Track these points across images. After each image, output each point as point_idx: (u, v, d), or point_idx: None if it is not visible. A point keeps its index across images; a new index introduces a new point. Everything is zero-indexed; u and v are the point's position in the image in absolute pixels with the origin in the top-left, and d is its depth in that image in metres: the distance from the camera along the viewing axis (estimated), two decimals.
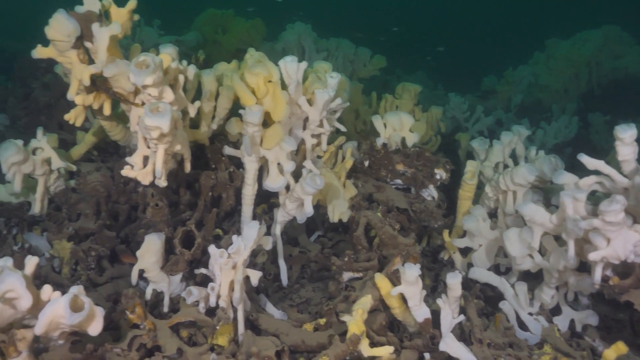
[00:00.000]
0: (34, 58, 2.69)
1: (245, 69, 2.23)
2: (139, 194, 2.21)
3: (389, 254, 2.23)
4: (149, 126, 1.68)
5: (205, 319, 1.85)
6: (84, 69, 1.86)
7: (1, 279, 1.43)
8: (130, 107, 2.02)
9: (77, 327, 1.48)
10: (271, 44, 4.32)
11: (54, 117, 2.62)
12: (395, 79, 5.20)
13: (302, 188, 2.15)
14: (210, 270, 2.02)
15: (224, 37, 4.40)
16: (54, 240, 2.16)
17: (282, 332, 2.02)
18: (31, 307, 1.46)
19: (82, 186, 2.19)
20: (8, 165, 1.93)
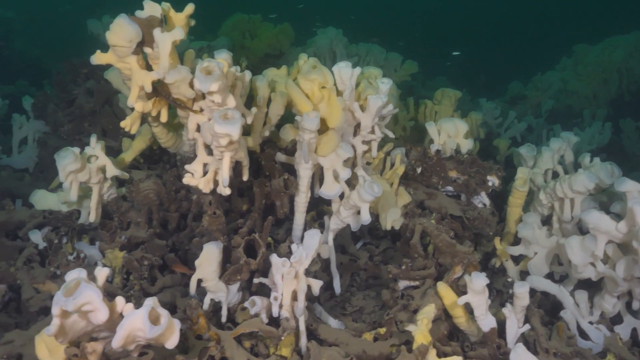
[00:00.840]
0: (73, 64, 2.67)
1: (299, 75, 2.19)
2: (193, 202, 2.18)
3: (445, 262, 2.19)
4: (219, 133, 1.65)
5: (270, 329, 1.81)
6: (145, 75, 1.83)
7: (78, 291, 1.39)
8: (188, 114, 1.99)
9: (154, 340, 1.44)
10: (301, 49, 4.30)
11: (97, 123, 2.59)
12: (420, 84, 5.17)
13: (359, 195, 2.12)
14: (269, 279, 1.99)
15: (252, 42, 4.38)
16: (107, 249, 2.13)
17: (342, 342, 1.99)
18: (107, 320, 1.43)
19: (135, 194, 2.16)
20: (66, 174, 1.90)
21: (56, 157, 1.89)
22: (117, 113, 2.57)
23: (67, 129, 2.58)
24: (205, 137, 1.85)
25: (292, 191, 2.22)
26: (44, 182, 2.81)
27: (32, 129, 3.08)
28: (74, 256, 2.03)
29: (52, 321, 1.43)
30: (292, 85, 2.14)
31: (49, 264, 2.02)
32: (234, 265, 2.00)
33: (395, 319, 2.02)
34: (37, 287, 2.05)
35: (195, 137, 1.95)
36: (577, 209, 2.24)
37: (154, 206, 2.19)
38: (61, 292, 1.40)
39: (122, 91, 2.26)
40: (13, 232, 2.33)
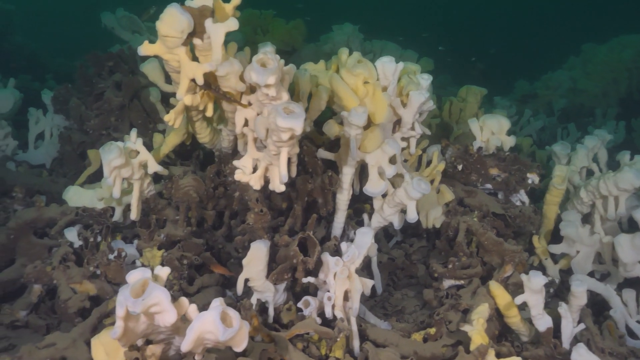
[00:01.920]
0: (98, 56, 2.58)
1: (343, 69, 2.14)
2: (235, 199, 2.11)
3: (491, 260, 2.16)
4: (282, 127, 1.59)
5: (326, 330, 1.75)
6: (196, 67, 1.76)
7: (147, 291, 1.32)
8: (235, 109, 1.93)
9: (225, 344, 1.38)
10: (316, 45, 4.24)
11: (125, 118, 2.50)
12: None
13: (407, 193, 2.07)
14: (318, 279, 1.93)
15: (264, 38, 4.30)
16: (145, 248, 2.05)
17: (391, 342, 1.94)
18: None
19: (174, 191, 2.09)
20: (110, 169, 1.82)
21: (101, 151, 1.81)
22: (147, 108, 2.49)
23: (94, 123, 2.49)
24: (258, 132, 1.78)
25: (335, 188, 2.16)
26: (65, 179, 2.72)
27: (50, 124, 2.98)
28: (115, 255, 1.95)
29: (117, 323, 1.36)
30: (338, 80, 2.08)
31: (87, 263, 1.94)
32: (281, 264, 1.94)
33: (446, 319, 1.98)
34: (74, 288, 1.97)
35: (245, 132, 1.89)
36: (622, 206, 2.22)
37: (194, 203, 2.12)
38: (128, 292, 1.33)
39: (157, 85, 2.18)
40: (41, 229, 2.24)
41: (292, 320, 1.97)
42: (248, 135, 1.88)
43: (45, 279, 1.95)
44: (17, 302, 2.08)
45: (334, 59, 2.38)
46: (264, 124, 1.77)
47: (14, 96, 2.84)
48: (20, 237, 2.18)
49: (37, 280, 1.95)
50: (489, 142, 2.44)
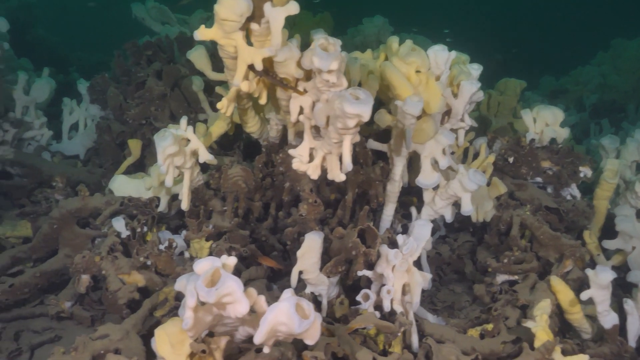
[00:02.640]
0: (136, 45, 2.54)
1: (395, 58, 2.08)
2: (285, 190, 2.06)
3: (546, 255, 2.10)
4: (349, 114, 1.54)
5: (387, 324, 1.70)
6: (255, 53, 1.71)
7: (221, 281, 1.27)
8: (289, 96, 1.87)
9: (298, 336, 1.33)
10: (345, 38, 4.17)
11: (165, 107, 2.45)
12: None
13: (462, 184, 2.02)
14: (374, 272, 1.88)
15: (294, 30, 4.24)
16: (193, 239, 2.00)
17: (447, 338, 1.88)
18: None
19: (223, 181, 2.04)
20: (165, 157, 1.77)
21: (156, 138, 1.76)
22: (188, 97, 2.44)
23: (134, 113, 2.44)
24: (317, 120, 1.73)
25: (386, 179, 2.11)
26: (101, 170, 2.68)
27: (84, 114, 2.94)
28: (166, 245, 1.90)
29: (186, 314, 1.32)
30: (392, 68, 2.02)
31: (137, 253, 1.89)
32: (334, 257, 1.89)
33: (504, 315, 1.92)
34: (122, 278, 1.92)
35: (301, 120, 1.83)
36: None
37: (242, 194, 2.07)
38: (201, 282, 1.29)
39: (204, 72, 2.13)
40: (84, 219, 2.20)
41: (344, 314, 1.92)
42: (304, 124, 1.82)
43: (94, 269, 1.90)
44: (62, 293, 2.04)
45: (381, 48, 2.32)
46: (325, 111, 1.72)
47: (50, 85, 2.80)
48: (64, 227, 2.13)
49: (86, 271, 1.91)
50: (543, 134, 2.37)
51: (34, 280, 2.05)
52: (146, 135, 2.41)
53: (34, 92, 2.75)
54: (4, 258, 2.13)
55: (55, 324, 2.07)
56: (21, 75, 2.70)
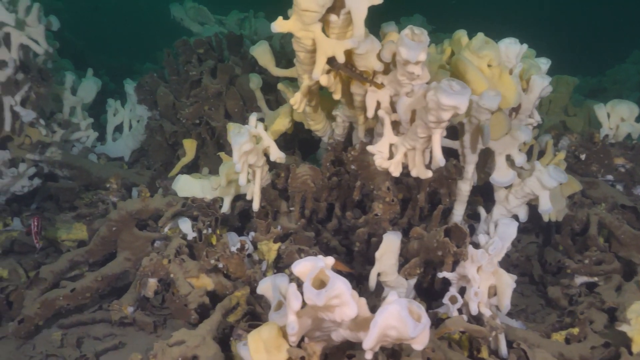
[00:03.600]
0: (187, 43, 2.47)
1: (467, 51, 2.01)
2: (356, 189, 1.98)
3: (628, 255, 2.01)
4: (446, 105, 1.46)
5: (478, 328, 1.62)
6: (337, 45, 1.64)
7: (331, 283, 1.20)
8: (365, 91, 1.80)
9: (409, 341, 1.24)
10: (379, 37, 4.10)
11: (220, 106, 2.38)
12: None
13: (540, 182, 1.94)
14: (456, 273, 1.80)
15: None
16: (262, 240, 1.93)
17: (532, 343, 1.79)
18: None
19: (291, 180, 1.96)
20: (240, 154, 1.70)
21: (232, 134, 1.69)
22: (243, 95, 2.37)
23: (188, 112, 2.37)
24: (401, 114, 1.66)
25: (459, 178, 2.02)
26: (150, 171, 2.61)
27: (128, 115, 2.88)
28: (238, 247, 1.83)
29: (290, 317, 1.24)
30: (467, 62, 1.94)
31: (207, 256, 1.81)
32: (413, 258, 1.81)
33: (589, 319, 1.83)
34: (190, 282, 1.85)
35: (380, 116, 1.76)
36: None
37: (310, 193, 1.99)
38: (309, 283, 1.21)
39: (268, 69, 2.06)
40: (143, 221, 2.13)
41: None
42: (384, 119, 1.75)
43: (162, 272, 1.83)
44: (125, 298, 1.97)
45: (446, 42, 2.25)
46: (410, 104, 1.65)
47: (97, 85, 2.74)
48: (123, 229, 2.06)
49: (153, 274, 1.83)
50: (619, 129, 2.29)
51: (95, 284, 1.98)
52: (202, 135, 2.34)
53: (80, 93, 2.69)
54: (62, 262, 2.06)
55: (116, 330, 1.99)
56: (68, 75, 2.64)
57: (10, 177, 2.30)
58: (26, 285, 1.96)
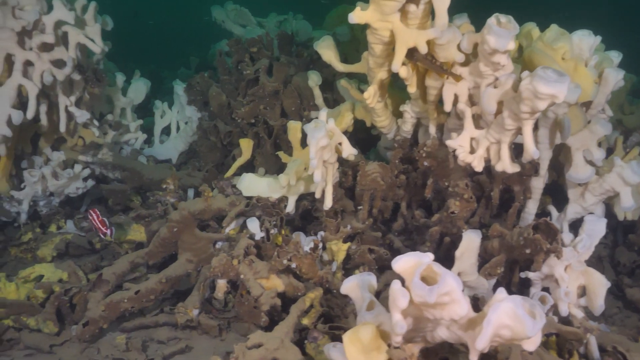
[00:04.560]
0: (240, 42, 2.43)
1: (540, 43, 1.94)
2: (427, 187, 1.91)
3: None
4: (544, 94, 1.39)
5: (573, 330, 1.54)
6: (419, 35, 1.58)
7: (442, 279, 1.13)
8: (442, 84, 1.74)
9: (523, 341, 1.17)
10: None
11: (276, 105, 2.33)
12: None
13: (622, 177, 1.86)
14: (540, 273, 1.72)
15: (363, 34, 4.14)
16: (332, 240, 1.87)
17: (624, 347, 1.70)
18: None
19: (361, 178, 1.90)
20: (317, 149, 1.64)
21: (308, 129, 1.64)
22: (301, 93, 2.32)
23: (244, 112, 2.32)
24: (486, 106, 1.59)
25: (534, 174, 1.95)
26: (203, 173, 2.56)
27: (175, 117, 2.84)
28: (311, 247, 1.76)
29: (396, 317, 1.17)
30: (543, 54, 1.87)
31: (278, 256, 1.75)
32: (494, 257, 1.74)
33: None
34: (260, 283, 1.78)
35: (461, 109, 1.69)
36: None
37: (379, 192, 1.93)
38: (418, 279, 1.14)
39: (332, 64, 2.01)
40: (205, 222, 2.07)
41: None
42: (465, 112, 1.68)
43: (232, 273, 1.77)
44: (189, 300, 1.91)
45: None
46: (496, 95, 1.58)
47: (147, 86, 2.71)
48: (184, 230, 2.01)
49: (223, 275, 1.77)
50: None
51: (160, 286, 1.92)
52: (259, 134, 2.29)
53: (130, 94, 2.66)
54: (123, 264, 2.01)
55: (180, 334, 1.93)
56: (119, 77, 2.61)
57: (66, 178, 2.26)
58: (89, 287, 1.91)
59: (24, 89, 2.07)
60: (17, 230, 2.45)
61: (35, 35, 2.06)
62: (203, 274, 1.98)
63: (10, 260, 2.33)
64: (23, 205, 2.24)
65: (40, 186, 2.22)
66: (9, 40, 2.02)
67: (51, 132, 2.33)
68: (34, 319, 1.88)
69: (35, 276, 2.00)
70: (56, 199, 2.36)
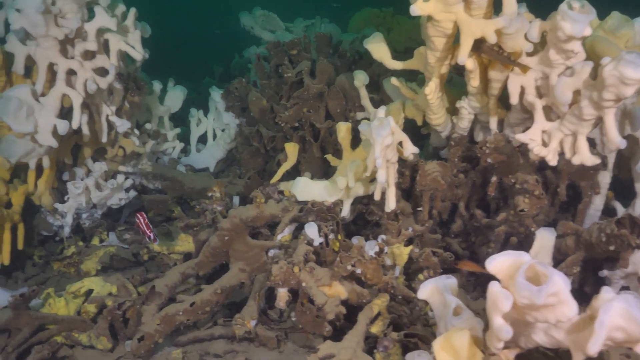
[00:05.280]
0: (279, 45, 2.37)
1: (601, 31, 1.86)
2: (491, 184, 1.83)
3: None
4: (631, 79, 1.31)
5: None
6: (486, 24, 1.51)
7: (550, 278, 1.04)
8: (506, 76, 1.66)
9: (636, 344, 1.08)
10: None
11: (320, 107, 2.27)
12: None
13: None
14: (621, 271, 1.63)
15: (391, 35, 4.07)
16: (394, 244, 1.79)
17: None
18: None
19: (420, 177, 1.83)
20: (382, 148, 1.57)
21: (373, 127, 1.57)
22: (346, 94, 2.25)
23: (288, 115, 2.25)
24: (561, 96, 1.51)
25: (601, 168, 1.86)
26: (244, 180, 2.49)
27: (212, 124, 2.79)
28: (376, 251, 1.69)
29: (498, 321, 1.09)
30: (607, 42, 1.79)
31: (341, 262, 1.67)
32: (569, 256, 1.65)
33: None
34: (323, 291, 1.70)
35: (530, 101, 1.61)
36: None
37: (440, 192, 1.85)
38: (523, 278, 1.06)
39: (384, 62, 1.94)
40: (256, 229, 2.00)
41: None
42: (535, 104, 1.60)
43: (293, 282, 1.69)
44: (245, 311, 1.83)
45: None
46: (572, 85, 1.50)
47: (184, 94, 2.66)
48: (236, 238, 1.94)
49: (284, 284, 1.70)
50: None
51: (215, 297, 1.85)
52: (306, 138, 2.22)
53: (168, 102, 2.61)
54: (174, 275, 1.94)
55: (236, 346, 1.85)
56: (156, 85, 2.56)
57: (109, 189, 2.21)
58: (142, 300, 1.84)
59: (66, 98, 2.02)
60: (58, 245, 2.40)
61: (78, 43, 2.01)
62: (258, 283, 1.91)
63: (53, 275, 2.28)
64: (67, 218, 2.19)
65: (84, 198, 2.16)
66: (51, 49, 1.97)
67: (91, 143, 2.28)
68: (87, 335, 1.82)
69: (85, 290, 1.94)
70: (98, 211, 2.30)
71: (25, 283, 2.20)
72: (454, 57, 1.74)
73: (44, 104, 1.95)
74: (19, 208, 2.17)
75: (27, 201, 2.21)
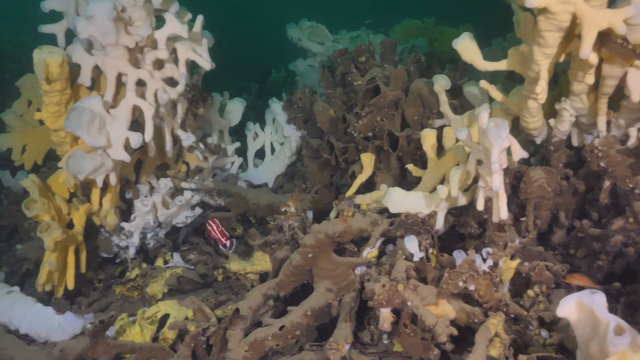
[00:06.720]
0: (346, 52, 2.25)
1: None
2: (602, 190, 1.69)
3: None
4: None
5: None
6: (613, 14, 1.39)
7: None
8: (624, 72, 1.54)
9: None
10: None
11: (394, 115, 2.14)
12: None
13: None
14: None
15: (434, 46, 3.97)
16: (502, 257, 1.64)
17: None
18: None
19: (525, 185, 1.69)
20: (500, 151, 1.43)
21: (489, 128, 1.43)
22: (422, 101, 2.13)
23: (362, 124, 2.13)
24: None
25: None
26: (310, 195, 2.36)
27: (269, 138, 2.67)
28: (490, 265, 1.54)
29: None
30: None
31: (450, 278, 1.53)
32: None
33: None
34: (430, 310, 1.56)
35: None
36: None
37: (546, 200, 1.71)
38: None
39: (474, 63, 1.82)
40: (340, 244, 1.86)
41: None
42: None
43: (397, 301, 1.55)
44: (337, 334, 1.68)
45: None
46: None
47: (243, 106, 2.55)
48: (320, 255, 1.80)
49: (388, 303, 1.55)
50: None
51: (305, 319, 1.70)
52: (384, 147, 2.09)
53: (228, 115, 2.50)
54: (256, 296, 1.80)
55: None
56: (216, 97, 2.45)
57: (176, 206, 2.08)
58: (226, 325, 1.70)
59: (135, 109, 1.91)
60: (117, 267, 2.27)
61: (148, 51, 1.91)
62: (347, 304, 1.76)
63: (116, 299, 2.15)
64: (134, 238, 2.06)
65: (151, 216, 2.04)
66: (120, 58, 1.87)
67: (155, 158, 2.16)
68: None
69: (161, 316, 1.80)
70: (162, 231, 2.17)
71: (89, 308, 2.07)
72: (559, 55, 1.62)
73: (115, 116, 1.84)
74: (81, 229, 2.05)
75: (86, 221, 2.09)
